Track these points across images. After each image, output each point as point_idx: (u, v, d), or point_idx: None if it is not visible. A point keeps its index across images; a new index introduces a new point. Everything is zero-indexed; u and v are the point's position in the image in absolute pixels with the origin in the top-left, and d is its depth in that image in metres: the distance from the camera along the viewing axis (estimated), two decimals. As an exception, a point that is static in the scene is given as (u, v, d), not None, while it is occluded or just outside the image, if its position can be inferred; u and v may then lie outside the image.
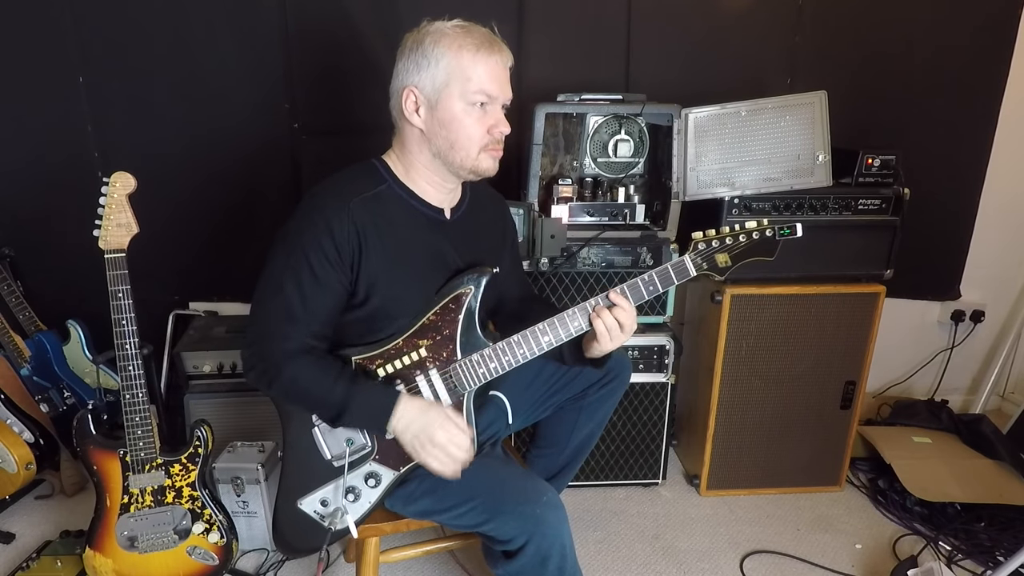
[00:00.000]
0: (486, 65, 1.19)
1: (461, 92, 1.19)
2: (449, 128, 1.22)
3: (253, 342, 1.23)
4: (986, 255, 2.42)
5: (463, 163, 1.25)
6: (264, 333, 1.22)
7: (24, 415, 1.95)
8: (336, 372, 1.21)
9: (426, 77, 1.20)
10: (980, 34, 2.16)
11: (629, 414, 2.03)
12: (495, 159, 1.27)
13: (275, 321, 1.21)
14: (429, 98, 1.21)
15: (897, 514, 2.02)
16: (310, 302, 1.20)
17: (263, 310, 1.22)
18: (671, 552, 1.87)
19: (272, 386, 1.22)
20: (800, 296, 1.91)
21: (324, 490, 1.30)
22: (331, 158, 2.07)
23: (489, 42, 1.20)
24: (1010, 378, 2.59)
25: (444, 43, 1.18)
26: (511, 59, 1.25)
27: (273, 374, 1.21)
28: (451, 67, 1.18)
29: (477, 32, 1.21)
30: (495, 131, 1.24)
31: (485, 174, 1.28)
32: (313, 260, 1.18)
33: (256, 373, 1.23)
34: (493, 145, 1.25)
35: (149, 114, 2.09)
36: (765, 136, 1.85)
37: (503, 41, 1.24)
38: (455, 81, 1.19)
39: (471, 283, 1.27)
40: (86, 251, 1.46)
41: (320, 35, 2.06)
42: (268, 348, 1.21)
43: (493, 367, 1.27)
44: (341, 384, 1.20)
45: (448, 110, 1.21)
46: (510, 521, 1.21)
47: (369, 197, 1.23)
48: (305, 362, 1.21)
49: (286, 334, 1.20)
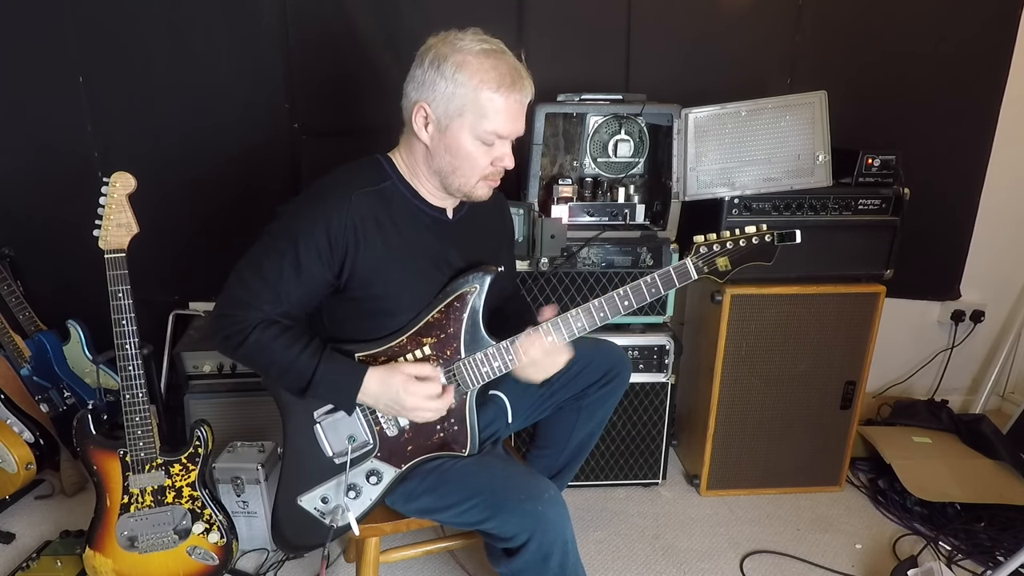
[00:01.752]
0: (505, 106, 1.17)
1: (472, 127, 1.18)
2: (454, 155, 1.21)
3: (223, 305, 1.23)
4: (986, 255, 2.42)
5: (459, 187, 1.25)
6: (236, 300, 1.22)
7: (24, 415, 1.95)
8: (304, 343, 1.22)
9: (440, 99, 1.17)
10: (980, 34, 2.16)
11: (629, 414, 2.03)
12: (491, 188, 1.28)
13: (250, 294, 1.21)
14: (440, 120, 1.19)
15: (897, 514, 2.02)
16: (288, 288, 1.20)
17: (240, 280, 1.23)
18: (671, 552, 1.87)
19: (238, 350, 1.22)
20: (800, 296, 1.91)
21: (325, 487, 1.31)
22: (331, 158, 2.04)
23: (511, 80, 1.17)
24: (1010, 378, 2.59)
25: (466, 72, 1.15)
26: (532, 93, 1.21)
27: (239, 338, 1.21)
28: (467, 99, 1.16)
29: (503, 65, 1.17)
30: (499, 164, 1.24)
31: (477, 200, 1.29)
32: (301, 248, 1.18)
33: (222, 336, 1.23)
34: (493, 176, 1.26)
35: (149, 114, 2.09)
36: (765, 136, 1.86)
37: (527, 74, 1.20)
38: (469, 114, 1.17)
39: (476, 282, 1.27)
40: (86, 251, 1.46)
41: (320, 35, 2.06)
42: (237, 313, 1.21)
43: (496, 366, 1.28)
44: (308, 355, 1.21)
45: (456, 139, 1.20)
46: (511, 518, 1.21)
47: (372, 192, 1.23)
48: (272, 330, 1.21)
49: (257, 306, 1.21)
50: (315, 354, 1.22)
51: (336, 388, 1.23)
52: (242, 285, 1.22)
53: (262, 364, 1.24)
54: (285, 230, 1.20)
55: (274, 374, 1.25)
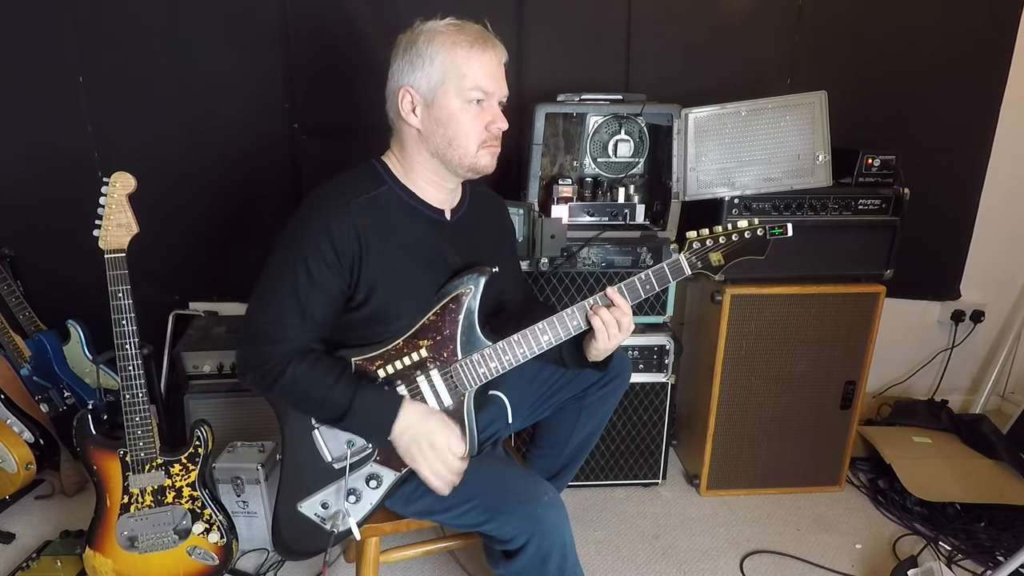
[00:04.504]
0: (481, 61, 1.19)
1: (457, 89, 1.19)
2: (446, 126, 1.22)
3: (250, 344, 1.23)
4: (986, 255, 2.42)
5: (461, 160, 1.24)
6: (261, 335, 1.21)
7: (24, 415, 1.95)
8: (337, 374, 1.21)
9: (421, 76, 1.20)
10: (981, 34, 2.16)
11: (629, 414, 2.03)
12: (493, 155, 1.27)
13: (272, 324, 1.20)
14: (425, 97, 1.21)
15: (897, 514, 2.02)
16: (307, 306, 1.19)
17: (261, 312, 1.22)
18: (671, 552, 1.87)
19: (271, 389, 1.21)
20: (800, 296, 1.91)
21: (325, 492, 1.30)
22: (331, 159, 2.08)
23: (483, 38, 1.20)
24: (1010, 378, 2.59)
25: (438, 41, 1.18)
26: (506, 55, 1.25)
27: (272, 377, 1.20)
28: (446, 65, 1.18)
29: (470, 29, 1.21)
30: (492, 127, 1.24)
31: (483, 171, 1.28)
32: (311, 263, 1.18)
33: (253, 376, 1.22)
34: (491, 141, 1.25)
35: (149, 114, 2.09)
36: (765, 136, 1.85)
37: (497, 36, 1.24)
38: (450, 78, 1.19)
39: (470, 283, 1.27)
40: (86, 251, 1.46)
41: (320, 35, 2.06)
42: (265, 351, 1.20)
43: (494, 367, 1.28)
44: (343, 387, 1.20)
45: (444, 108, 1.20)
46: (511, 520, 1.20)
47: (369, 199, 1.23)
48: (305, 364, 1.20)
49: (285, 336, 1.20)
50: (349, 385, 1.21)
51: (371, 420, 1.23)
52: (264, 316, 1.21)
53: (296, 401, 1.24)
54: (291, 251, 1.20)
55: (308, 409, 1.25)
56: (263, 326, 1.21)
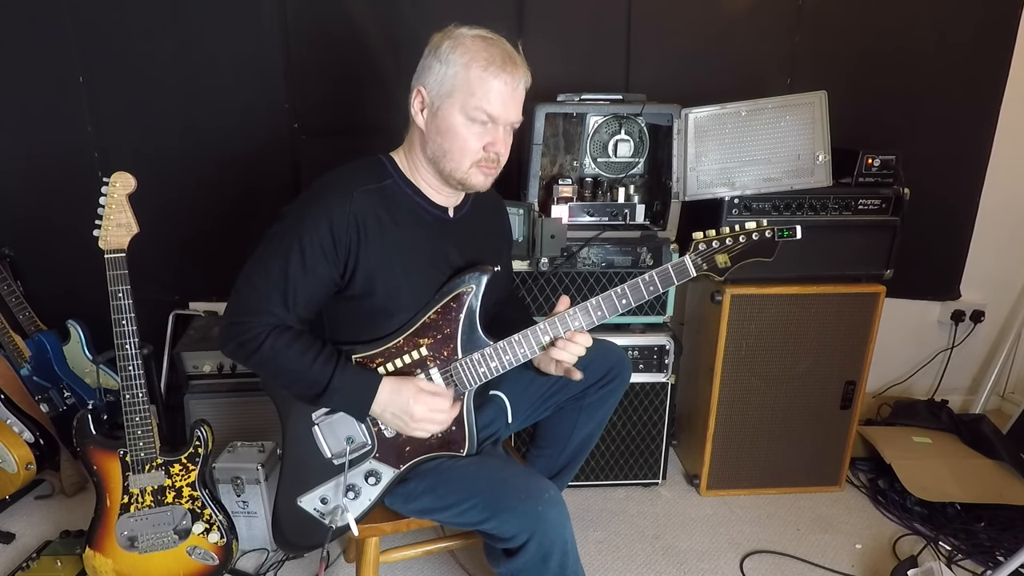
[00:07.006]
0: (493, 84, 1.17)
1: (462, 105, 1.18)
2: (444, 137, 1.21)
3: (234, 312, 1.23)
4: (986, 255, 2.42)
5: (452, 173, 1.24)
6: (246, 306, 1.21)
7: (24, 415, 1.95)
8: (317, 350, 1.21)
9: (434, 81, 1.19)
10: (980, 34, 2.17)
11: (629, 414, 2.03)
12: (487, 176, 1.26)
13: (259, 298, 1.20)
14: (433, 102, 1.21)
15: (897, 514, 2.02)
16: (296, 288, 1.20)
17: (249, 286, 1.22)
18: (671, 552, 1.87)
19: (251, 357, 1.21)
20: (800, 296, 1.91)
21: (324, 488, 1.31)
22: (331, 159, 2.04)
23: (502, 61, 1.18)
24: (1010, 378, 2.59)
25: (459, 52, 1.17)
26: (526, 81, 1.22)
27: (253, 346, 1.20)
28: (458, 78, 1.17)
29: (495, 49, 1.18)
30: (491, 149, 1.23)
31: (474, 188, 1.27)
32: (306, 247, 1.18)
33: (234, 344, 1.22)
34: (486, 163, 1.24)
35: (149, 114, 2.09)
36: (765, 136, 1.85)
37: (524, 61, 1.21)
38: (459, 93, 1.18)
39: (472, 282, 1.27)
40: (86, 251, 1.46)
41: (320, 35, 2.06)
42: (249, 319, 1.20)
43: (494, 366, 1.28)
44: (322, 363, 1.21)
45: (446, 119, 1.20)
46: (511, 519, 1.20)
47: (373, 190, 1.23)
48: (286, 337, 1.20)
49: (269, 311, 1.20)
50: (329, 361, 1.21)
51: (350, 397, 1.23)
52: (251, 289, 1.22)
53: (275, 371, 1.23)
54: (289, 231, 1.20)
55: (286, 381, 1.24)
56: (248, 298, 1.21)
